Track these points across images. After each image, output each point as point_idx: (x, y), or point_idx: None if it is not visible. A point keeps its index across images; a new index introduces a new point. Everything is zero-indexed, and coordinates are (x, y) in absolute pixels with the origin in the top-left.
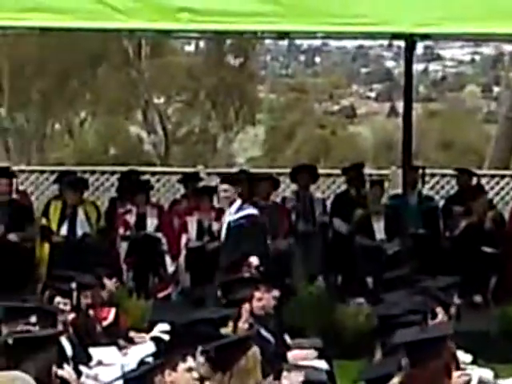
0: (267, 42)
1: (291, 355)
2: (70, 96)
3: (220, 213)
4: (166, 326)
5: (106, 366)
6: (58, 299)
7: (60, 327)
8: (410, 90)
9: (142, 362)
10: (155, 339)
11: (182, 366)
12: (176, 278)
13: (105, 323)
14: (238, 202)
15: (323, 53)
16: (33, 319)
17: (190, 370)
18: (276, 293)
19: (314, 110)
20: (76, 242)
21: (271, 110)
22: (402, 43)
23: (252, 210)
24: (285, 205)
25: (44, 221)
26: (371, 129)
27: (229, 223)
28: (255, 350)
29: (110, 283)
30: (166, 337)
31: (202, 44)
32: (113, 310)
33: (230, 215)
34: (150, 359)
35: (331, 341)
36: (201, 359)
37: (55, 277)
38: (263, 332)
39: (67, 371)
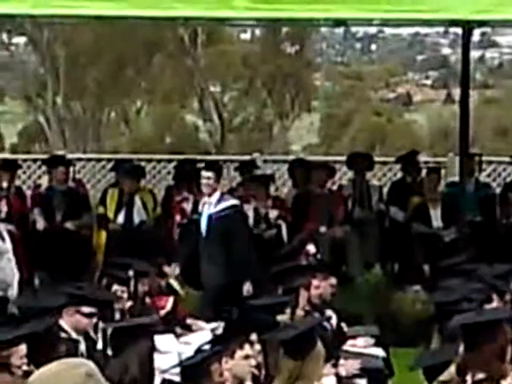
0: (323, 29)
1: (349, 343)
2: (126, 84)
3: (277, 201)
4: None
5: (163, 354)
6: (115, 287)
7: (117, 315)
8: (466, 77)
9: (199, 350)
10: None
11: (239, 354)
12: None
13: (162, 312)
14: (217, 193)
15: (379, 40)
16: (87, 309)
17: (247, 357)
18: (333, 280)
19: (369, 98)
20: (133, 230)
21: (327, 98)
22: (458, 30)
23: (233, 201)
24: (341, 192)
25: (101, 209)
26: (427, 116)
27: (210, 216)
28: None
29: (169, 270)
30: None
31: (257, 32)
32: (171, 299)
33: (210, 207)
34: (207, 347)
35: (388, 328)
36: (257, 346)
37: (112, 265)
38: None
39: None
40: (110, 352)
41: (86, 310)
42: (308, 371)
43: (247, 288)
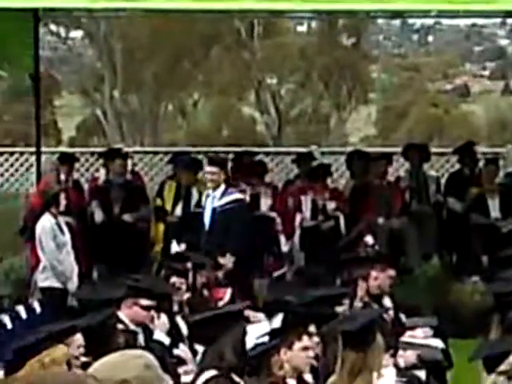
0: (380, 21)
1: (407, 334)
2: (183, 77)
3: (334, 192)
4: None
5: None
6: (173, 279)
7: (176, 307)
8: None
9: (257, 342)
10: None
11: (297, 345)
12: (290, 258)
13: (220, 303)
14: (222, 186)
15: (436, 31)
16: (146, 302)
17: (305, 348)
18: (392, 272)
19: (427, 89)
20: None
21: (384, 90)
22: None
23: (238, 195)
24: (399, 184)
25: (158, 201)
26: (485, 107)
27: (214, 209)
28: None
29: (225, 260)
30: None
31: (314, 24)
32: (229, 290)
33: (213, 200)
34: (265, 338)
35: (447, 319)
36: (316, 339)
37: (170, 257)
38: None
39: (183, 350)
40: (198, 341)
41: (145, 302)
42: (369, 362)
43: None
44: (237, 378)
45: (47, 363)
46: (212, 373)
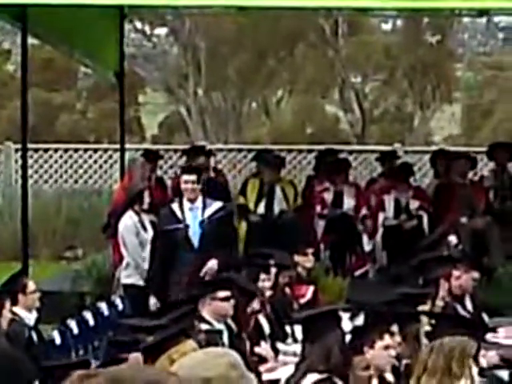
0: (465, 19)
1: (489, 334)
2: (267, 75)
3: (417, 191)
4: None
5: None
6: (263, 276)
7: (257, 305)
8: None
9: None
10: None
11: (379, 344)
12: (373, 256)
13: (302, 300)
14: (200, 197)
15: None
16: (222, 293)
17: (387, 347)
18: (475, 274)
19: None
20: (273, 220)
21: (468, 88)
22: None
23: (218, 203)
24: (482, 183)
25: (241, 199)
26: None
27: (202, 221)
28: None
29: (305, 260)
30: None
31: (399, 22)
32: (311, 288)
33: (196, 213)
34: (347, 337)
35: None
36: (398, 338)
37: (253, 254)
38: (460, 310)
39: (264, 349)
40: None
41: (222, 294)
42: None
43: None
44: (340, 382)
45: (177, 359)
46: (316, 376)
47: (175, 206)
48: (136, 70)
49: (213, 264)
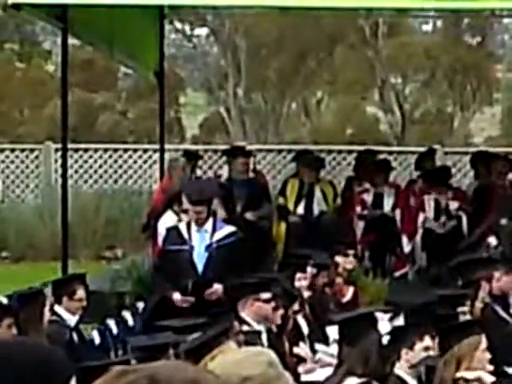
0: (505, 20)
1: None
2: (307, 76)
3: (457, 192)
4: None
5: None
6: (298, 275)
7: (296, 306)
8: None
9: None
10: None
11: (419, 345)
12: (412, 258)
13: (343, 301)
14: (210, 220)
15: None
16: (266, 295)
17: (427, 349)
18: None
19: None
20: (312, 221)
21: (509, 90)
22: None
23: (230, 228)
24: None
25: (281, 200)
26: None
27: (209, 244)
28: None
29: (347, 261)
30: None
31: (439, 23)
32: (351, 289)
33: (205, 236)
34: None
35: None
36: (437, 340)
37: (292, 255)
38: (501, 312)
39: (303, 349)
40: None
41: (265, 295)
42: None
43: None
44: None
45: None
46: (355, 381)
47: (182, 226)
48: (176, 71)
49: (217, 288)
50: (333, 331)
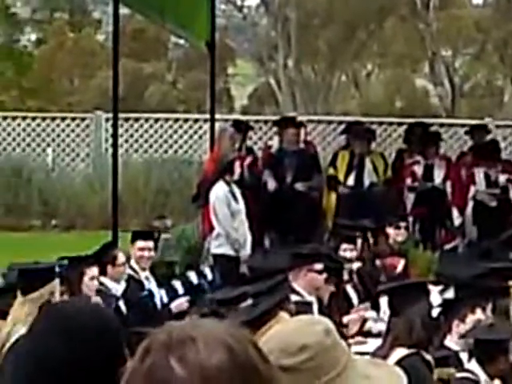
0: None
1: None
2: (357, 48)
3: (507, 165)
4: None
5: None
6: (344, 246)
7: (345, 276)
8: None
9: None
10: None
11: (470, 318)
12: (463, 230)
13: (394, 272)
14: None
15: None
16: (319, 266)
17: (478, 321)
18: None
19: None
20: (363, 192)
21: None
22: None
23: None
24: None
25: (331, 171)
26: None
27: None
28: None
29: (398, 233)
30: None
31: None
32: (402, 261)
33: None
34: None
35: None
36: (489, 312)
37: (341, 226)
38: None
39: (353, 318)
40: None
41: (318, 266)
42: None
43: None
44: (427, 356)
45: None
46: (404, 352)
47: (142, 276)
48: (226, 42)
49: (181, 302)
50: (384, 302)
